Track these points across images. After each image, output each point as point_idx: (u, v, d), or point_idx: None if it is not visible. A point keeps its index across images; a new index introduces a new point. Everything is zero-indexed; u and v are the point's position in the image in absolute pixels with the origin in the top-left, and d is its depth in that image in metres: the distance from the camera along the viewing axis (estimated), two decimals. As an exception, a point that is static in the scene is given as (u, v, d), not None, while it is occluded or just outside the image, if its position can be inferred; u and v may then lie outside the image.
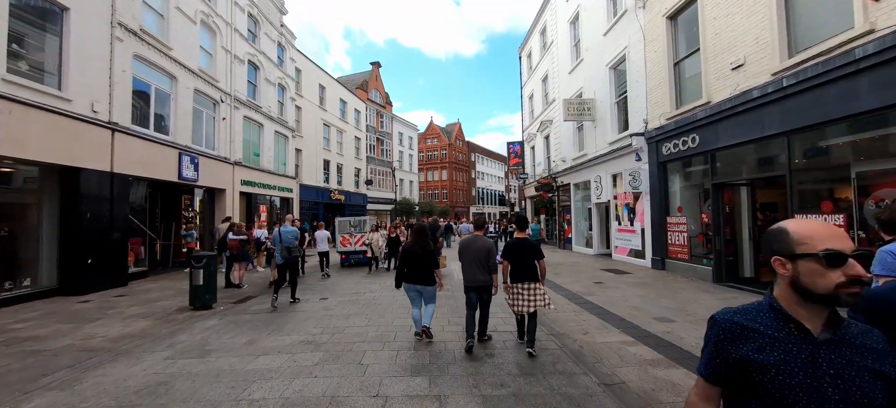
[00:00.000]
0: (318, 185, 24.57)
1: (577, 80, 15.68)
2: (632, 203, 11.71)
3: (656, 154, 10.23)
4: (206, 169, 13.02)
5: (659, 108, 10.13)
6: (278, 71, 18.88)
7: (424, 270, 4.76)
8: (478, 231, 5.04)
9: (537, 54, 21.76)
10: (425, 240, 4.91)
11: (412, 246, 4.83)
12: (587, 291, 7.89)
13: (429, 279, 4.78)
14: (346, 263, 12.61)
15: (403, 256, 4.92)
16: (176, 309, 6.95)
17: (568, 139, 16.90)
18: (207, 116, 13.64)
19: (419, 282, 4.75)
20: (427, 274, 4.77)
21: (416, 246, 4.80)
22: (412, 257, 4.77)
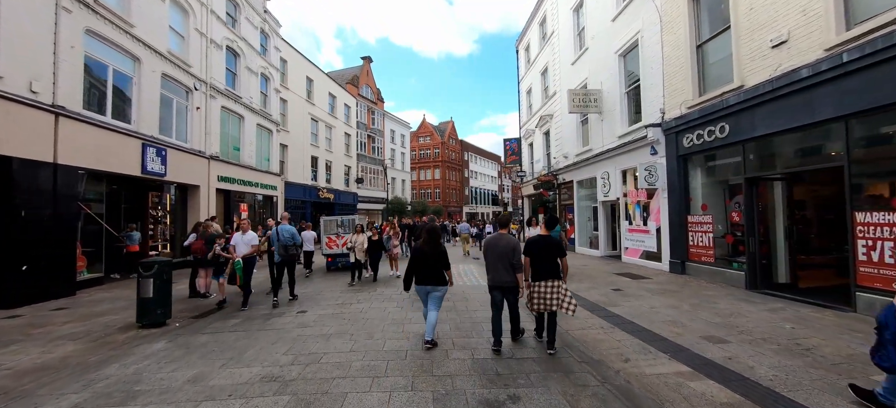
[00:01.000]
0: (305, 183, 23.28)
1: (580, 71, 14.73)
2: (645, 201, 10.77)
3: (675, 147, 9.28)
4: (176, 163, 11.72)
5: (679, 96, 9.19)
6: (261, 60, 17.58)
7: (435, 271, 4.65)
8: (502, 230, 4.83)
9: (536, 46, 20.81)
10: (437, 240, 4.81)
11: (423, 246, 4.74)
12: (608, 300, 6.88)
13: (440, 280, 4.67)
14: (333, 266, 11.44)
15: (414, 256, 4.86)
16: (120, 327, 5.73)
17: (570, 134, 15.94)
18: (179, 104, 12.34)
19: (430, 283, 4.64)
20: (438, 275, 4.66)
21: (427, 246, 4.70)
22: (423, 258, 4.67)
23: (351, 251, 9.41)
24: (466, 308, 6.60)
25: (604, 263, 11.68)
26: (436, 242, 4.75)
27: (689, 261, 9.01)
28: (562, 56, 16.85)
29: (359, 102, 33.02)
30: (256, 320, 6.11)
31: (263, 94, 18.12)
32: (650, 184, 9.78)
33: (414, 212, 38.19)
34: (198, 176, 12.94)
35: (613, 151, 12.21)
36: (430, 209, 42.02)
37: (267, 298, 7.50)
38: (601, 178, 13.05)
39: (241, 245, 7.04)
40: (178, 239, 12.42)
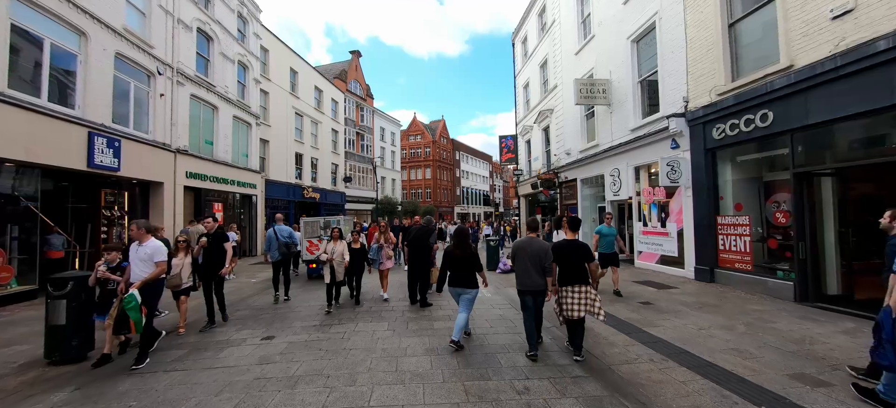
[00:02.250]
0: (288, 181, 21.77)
1: (585, 61, 13.69)
2: (663, 200, 9.74)
3: (702, 139, 8.25)
4: (134, 156, 10.24)
5: (707, 81, 8.16)
6: (238, 47, 16.09)
7: (467, 273, 4.76)
8: (532, 233, 4.63)
9: (534, 38, 19.74)
10: (467, 242, 4.94)
11: (454, 249, 4.88)
12: (642, 318, 5.77)
13: (471, 282, 4.76)
14: (315, 274, 10.11)
15: (446, 259, 4.94)
16: (22, 364, 4.37)
17: (574, 129, 14.89)
18: (138, 90, 10.84)
19: (461, 285, 4.76)
20: (469, 277, 4.75)
21: (458, 249, 4.84)
22: (454, 261, 4.80)
23: (325, 267, 6.61)
24: (476, 332, 5.38)
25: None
26: (466, 245, 4.88)
27: (720, 268, 7.99)
28: (563, 46, 15.79)
29: (347, 98, 31.55)
30: (207, 350, 4.80)
31: (241, 84, 16.62)
32: (672, 181, 8.73)
33: (405, 212, 36.86)
34: (162, 171, 11.45)
35: (625, 146, 11.17)
36: (421, 210, 40.72)
37: (205, 333, 5.61)
38: (610, 175, 12.01)
39: (135, 265, 4.47)
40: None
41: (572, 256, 4.29)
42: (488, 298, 7.40)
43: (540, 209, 21.43)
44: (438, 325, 5.65)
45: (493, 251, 11.58)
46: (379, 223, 10.56)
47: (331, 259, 6.55)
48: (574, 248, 4.33)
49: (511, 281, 7.12)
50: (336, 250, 6.70)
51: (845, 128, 5.94)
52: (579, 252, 4.30)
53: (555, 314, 4.41)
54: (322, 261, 6.65)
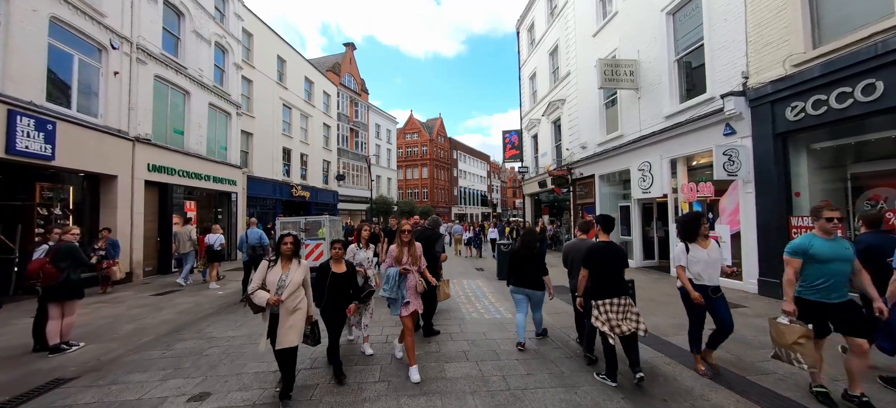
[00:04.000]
0: (274, 178, 20.04)
1: (606, 42, 12.15)
2: (710, 197, 8.19)
3: (771, 122, 6.70)
4: (76, 143, 8.52)
5: (776, 51, 6.62)
6: (216, 26, 14.35)
7: (532, 274, 4.58)
8: (584, 235, 4.54)
9: (543, 23, 18.21)
10: (533, 243, 4.75)
11: (520, 249, 4.74)
12: (733, 356, 4.18)
13: (538, 284, 4.59)
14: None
15: (512, 259, 4.78)
16: None
17: (590, 120, 13.34)
18: (84, 65, 9.11)
19: (527, 286, 4.61)
20: (536, 279, 4.58)
21: (524, 249, 4.70)
22: (519, 261, 4.67)
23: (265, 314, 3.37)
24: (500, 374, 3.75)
25: (649, 279, 9.04)
26: (531, 245, 4.72)
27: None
28: (578, 29, 14.25)
29: (340, 92, 29.82)
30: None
31: (219, 68, 14.88)
32: (730, 174, 7.17)
33: (400, 212, 35.20)
34: (115, 163, 9.71)
35: (658, 136, 9.62)
36: (418, 210, 39.07)
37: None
38: (638, 170, 10.44)
39: None
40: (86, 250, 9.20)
41: (612, 263, 3.74)
42: (509, 319, 5.78)
43: (546, 209, 19.91)
44: (451, 369, 4.02)
45: (506, 259, 9.94)
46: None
47: (277, 301, 3.23)
48: (614, 253, 3.79)
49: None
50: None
51: None
52: (619, 258, 3.80)
53: (605, 335, 3.60)
54: (257, 304, 3.25)
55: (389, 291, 3.84)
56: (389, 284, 3.84)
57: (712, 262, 3.75)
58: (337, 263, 3.91)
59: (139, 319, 6.25)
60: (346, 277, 3.89)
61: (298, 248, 3.54)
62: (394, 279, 3.84)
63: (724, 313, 3.71)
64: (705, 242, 3.82)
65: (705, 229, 3.86)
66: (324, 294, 3.73)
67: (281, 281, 3.31)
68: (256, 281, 3.35)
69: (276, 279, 3.31)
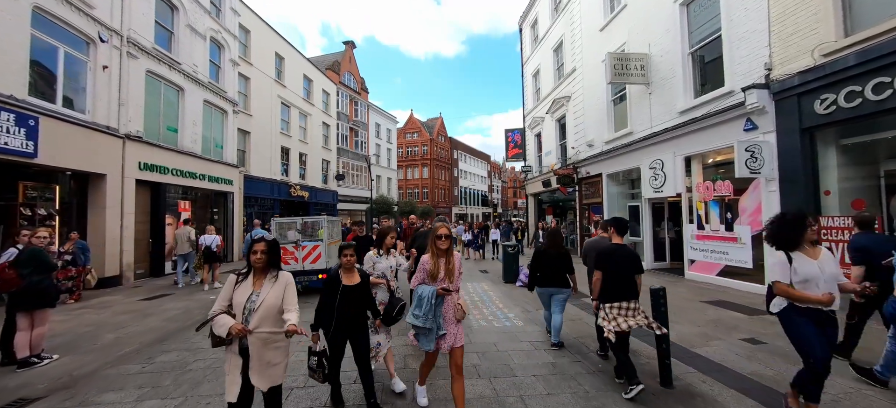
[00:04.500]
0: (273, 178, 19.62)
1: (613, 36, 11.74)
2: (729, 196, 7.78)
3: (797, 116, 6.29)
4: (61, 140, 8.12)
5: (803, 40, 6.21)
6: (211, 21, 13.94)
7: (559, 273, 4.65)
8: (604, 233, 4.56)
9: (546, 19, 17.80)
10: (561, 242, 4.82)
11: (547, 249, 4.76)
12: (763, 368, 3.77)
13: (563, 282, 4.66)
14: (291, 289, 8.01)
15: (537, 259, 4.81)
16: None
17: (597, 117, 12.94)
18: (70, 58, 8.71)
19: (555, 285, 4.66)
20: (562, 277, 4.66)
21: (552, 248, 4.73)
22: (548, 259, 4.71)
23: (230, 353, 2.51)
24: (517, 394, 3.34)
25: (663, 282, 8.60)
26: (559, 244, 4.76)
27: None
28: (584, 23, 13.85)
29: (340, 91, 29.40)
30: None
31: (215, 65, 14.47)
32: (752, 171, 6.75)
33: (401, 212, 34.79)
34: (104, 161, 9.29)
35: (671, 132, 9.21)
36: (418, 210, 38.67)
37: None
38: (649, 168, 10.03)
39: None
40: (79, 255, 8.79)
41: (623, 266, 3.63)
42: (520, 326, 5.37)
43: (550, 209, 19.50)
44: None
45: (512, 261, 9.54)
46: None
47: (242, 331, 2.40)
48: (625, 256, 3.70)
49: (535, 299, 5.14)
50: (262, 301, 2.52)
51: None
52: (631, 261, 3.69)
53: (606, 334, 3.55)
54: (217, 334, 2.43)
55: (423, 319, 2.82)
56: (423, 308, 2.83)
57: (829, 277, 2.78)
58: (348, 273, 3.15)
59: (123, 326, 5.83)
60: (361, 291, 3.15)
61: (276, 257, 2.58)
62: (429, 303, 2.82)
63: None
64: (814, 249, 2.89)
65: (814, 232, 2.98)
66: (332, 312, 3.00)
67: (250, 302, 2.43)
68: (219, 301, 2.49)
69: (243, 300, 2.43)
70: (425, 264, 2.96)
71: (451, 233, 3.01)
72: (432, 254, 2.97)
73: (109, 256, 9.31)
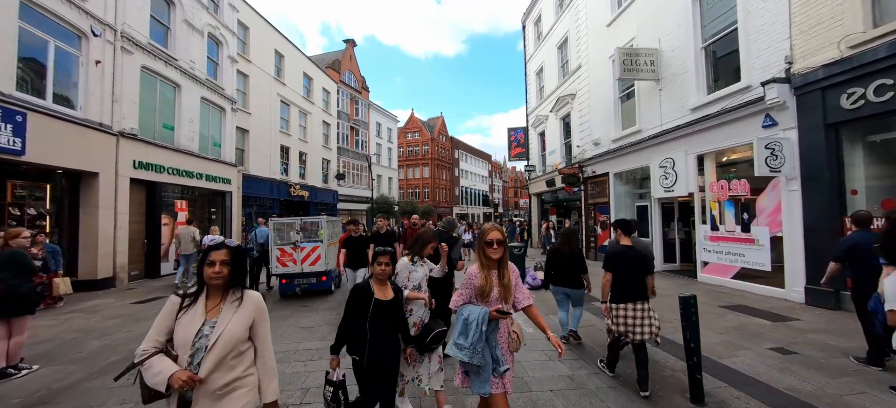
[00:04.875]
0: (272, 177, 19.34)
1: (621, 32, 11.43)
2: (745, 196, 7.47)
3: (821, 111, 5.99)
4: (52, 137, 7.83)
5: (828, 32, 5.90)
6: (209, 16, 13.64)
7: (573, 273, 4.69)
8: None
9: (551, 16, 17.50)
10: (575, 242, 4.87)
11: (560, 247, 4.80)
12: (798, 382, 3.46)
13: (579, 283, 4.69)
14: (289, 290, 7.72)
15: (552, 258, 4.89)
16: None
17: (604, 115, 12.63)
18: (61, 52, 8.41)
19: (569, 285, 4.72)
20: (575, 278, 4.68)
21: (566, 247, 4.75)
22: (561, 259, 4.75)
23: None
24: None
25: (674, 285, 8.30)
26: (573, 244, 4.80)
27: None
28: (590, 19, 13.54)
29: (340, 89, 29.10)
30: None
31: (213, 61, 14.17)
32: (773, 169, 6.45)
33: (402, 212, 34.50)
34: (97, 159, 9.00)
35: (682, 130, 8.91)
36: (419, 210, 38.39)
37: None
38: (659, 167, 9.72)
39: None
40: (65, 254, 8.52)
41: (631, 268, 3.60)
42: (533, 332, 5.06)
43: (554, 209, 19.19)
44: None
45: (517, 263, 9.22)
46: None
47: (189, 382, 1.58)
48: (633, 257, 3.65)
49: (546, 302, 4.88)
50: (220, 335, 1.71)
51: None
52: (640, 262, 3.64)
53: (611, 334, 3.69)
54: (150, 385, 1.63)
55: (470, 352, 2.16)
56: (471, 337, 2.15)
57: None
58: (381, 286, 2.53)
59: (112, 333, 5.54)
60: (394, 309, 2.55)
61: (241, 271, 1.81)
62: (478, 329, 2.15)
63: None
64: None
65: None
66: (363, 336, 2.39)
67: (201, 338, 1.64)
68: (152, 335, 1.70)
69: (190, 335, 1.64)
70: (473, 279, 2.30)
71: (504, 238, 2.32)
72: (482, 265, 2.32)
73: (102, 257, 9.02)
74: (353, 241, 6.26)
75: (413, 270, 3.18)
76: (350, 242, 6.28)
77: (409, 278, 3.13)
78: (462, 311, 2.30)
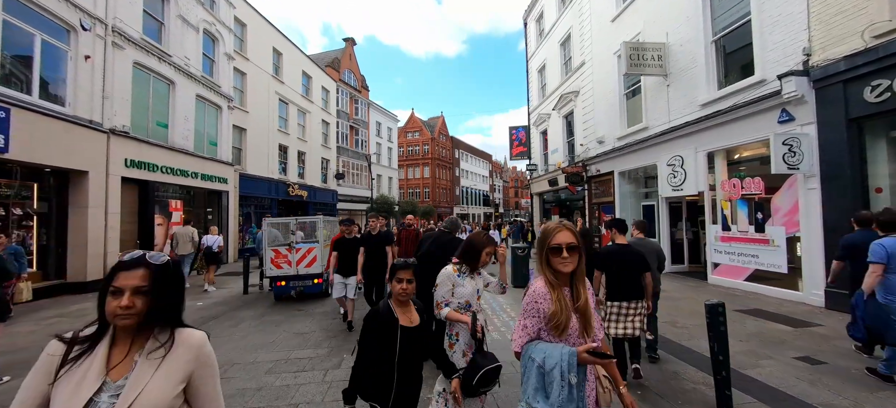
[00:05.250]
0: (270, 176, 19.04)
1: (626, 26, 11.11)
2: (759, 195, 7.17)
3: (843, 105, 5.68)
4: (38, 134, 7.55)
5: (849, 22, 5.59)
6: (204, 12, 13.36)
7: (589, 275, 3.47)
8: (641, 234, 4.42)
9: (553, 12, 17.19)
10: (592, 241, 4.66)
11: None
12: (831, 397, 3.16)
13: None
14: (284, 292, 7.41)
15: None
16: None
17: (608, 112, 12.32)
18: (49, 46, 8.13)
19: None
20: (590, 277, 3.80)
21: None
22: None
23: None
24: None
25: (684, 287, 8.00)
26: (589, 244, 4.48)
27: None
28: (593, 14, 13.23)
29: (340, 88, 28.81)
30: None
31: (209, 58, 13.90)
32: (791, 166, 6.14)
33: (402, 212, 34.20)
34: (86, 157, 8.72)
35: (692, 126, 8.60)
36: (419, 210, 38.12)
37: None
38: (668, 165, 9.42)
39: None
40: (53, 255, 8.28)
41: (627, 265, 3.63)
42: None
43: (556, 209, 18.88)
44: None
45: (521, 264, 8.93)
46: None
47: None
48: (628, 255, 3.69)
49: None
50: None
51: None
52: (638, 261, 3.65)
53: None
54: None
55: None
56: (556, 396, 1.44)
57: None
58: (404, 308, 2.01)
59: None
60: (420, 337, 2.02)
61: (170, 306, 1.13)
62: (565, 383, 1.44)
63: None
64: None
65: None
66: (392, 375, 1.90)
67: (97, 405, 1.00)
68: (21, 401, 1.02)
69: (79, 405, 0.98)
70: (539, 301, 1.56)
71: (578, 240, 1.58)
72: (548, 283, 1.58)
73: (92, 258, 8.73)
74: (345, 243, 5.48)
75: (459, 282, 2.48)
76: (342, 244, 5.50)
77: (453, 293, 2.44)
78: (532, 353, 1.54)
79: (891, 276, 3.36)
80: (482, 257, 2.58)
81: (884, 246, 3.37)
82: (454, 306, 2.44)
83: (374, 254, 5.27)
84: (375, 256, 5.26)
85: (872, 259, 3.38)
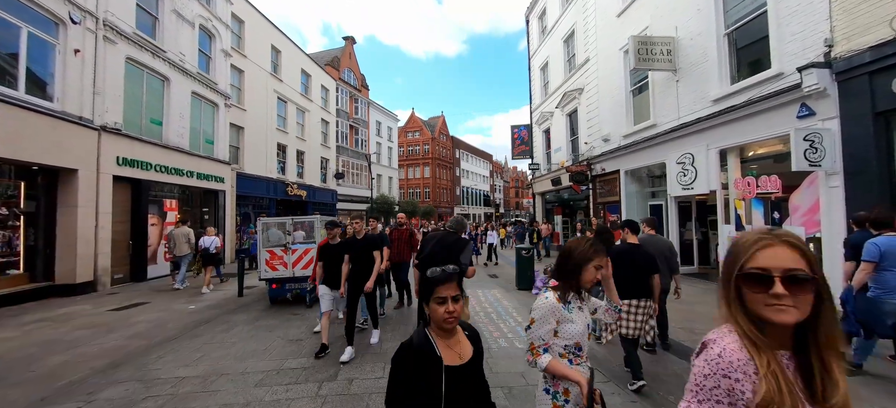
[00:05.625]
0: (268, 176, 18.75)
1: (633, 21, 10.80)
2: (776, 193, 6.86)
3: (869, 98, 5.37)
4: (25, 131, 7.27)
5: (877, 8, 5.28)
6: (200, 7, 13.06)
7: None
8: (651, 230, 4.67)
9: (556, 9, 16.88)
10: (611, 241, 4.41)
11: None
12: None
13: None
14: (279, 296, 7.10)
15: None
16: None
17: (614, 110, 12.02)
18: (36, 40, 7.83)
19: None
20: None
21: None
22: None
23: None
24: None
25: (694, 289, 7.69)
26: (609, 240, 4.41)
27: None
28: (598, 10, 12.93)
29: (340, 87, 28.51)
30: None
31: (205, 54, 13.59)
32: (813, 163, 5.83)
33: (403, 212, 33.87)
34: (76, 155, 8.41)
35: (703, 123, 8.29)
36: (420, 210, 37.83)
37: None
38: (678, 163, 9.11)
39: None
40: (41, 257, 7.99)
41: (636, 264, 3.67)
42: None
43: (559, 209, 18.58)
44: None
45: (526, 266, 8.63)
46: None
47: None
48: (638, 255, 3.73)
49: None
50: None
51: None
52: (648, 262, 3.71)
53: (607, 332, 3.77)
54: None
55: None
56: None
57: None
58: (448, 339, 1.48)
59: (77, 346, 4.94)
60: (474, 376, 1.51)
61: None
62: None
63: None
64: None
65: None
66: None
67: None
68: None
69: None
70: (732, 376, 0.84)
71: (807, 268, 0.85)
72: (746, 340, 0.87)
73: (82, 259, 8.44)
74: (330, 250, 4.64)
75: (566, 317, 1.72)
76: (327, 251, 4.68)
77: (558, 333, 1.72)
78: None
79: (884, 272, 3.45)
80: (587, 275, 1.77)
81: (877, 245, 3.48)
82: (559, 351, 1.72)
83: (359, 260, 4.49)
84: (361, 261, 4.48)
85: (865, 258, 3.52)
